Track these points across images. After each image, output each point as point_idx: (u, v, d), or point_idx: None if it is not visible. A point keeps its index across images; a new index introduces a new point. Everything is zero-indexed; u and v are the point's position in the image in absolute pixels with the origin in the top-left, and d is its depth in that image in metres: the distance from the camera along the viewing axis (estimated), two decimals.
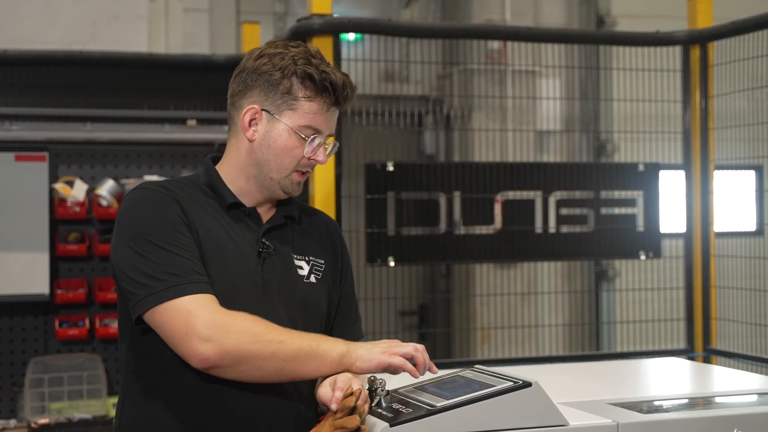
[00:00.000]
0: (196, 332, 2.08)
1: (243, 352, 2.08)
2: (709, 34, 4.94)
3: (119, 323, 2.33)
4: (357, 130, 4.95)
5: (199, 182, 2.34)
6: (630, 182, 5.07)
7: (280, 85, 2.26)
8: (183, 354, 2.11)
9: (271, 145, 2.28)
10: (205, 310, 2.09)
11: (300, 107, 2.26)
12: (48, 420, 5.12)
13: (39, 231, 5.28)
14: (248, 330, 2.10)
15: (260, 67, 2.28)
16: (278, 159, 2.28)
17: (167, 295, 2.11)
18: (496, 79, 6.55)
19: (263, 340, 2.10)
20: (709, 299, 5.01)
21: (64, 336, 5.32)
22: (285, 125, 2.26)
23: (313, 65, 2.25)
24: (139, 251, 2.15)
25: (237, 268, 2.25)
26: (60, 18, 6.35)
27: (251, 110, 2.29)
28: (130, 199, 2.26)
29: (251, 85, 2.29)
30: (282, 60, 2.26)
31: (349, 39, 5.21)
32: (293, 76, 2.25)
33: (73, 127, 5.35)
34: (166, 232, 2.17)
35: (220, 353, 2.08)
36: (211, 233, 2.24)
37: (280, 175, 2.30)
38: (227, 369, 2.11)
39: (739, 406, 2.52)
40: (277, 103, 2.27)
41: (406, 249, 4.70)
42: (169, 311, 2.10)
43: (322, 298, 2.39)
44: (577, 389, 2.68)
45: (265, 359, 2.10)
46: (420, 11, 7.50)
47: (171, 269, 2.13)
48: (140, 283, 2.14)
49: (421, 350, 2.20)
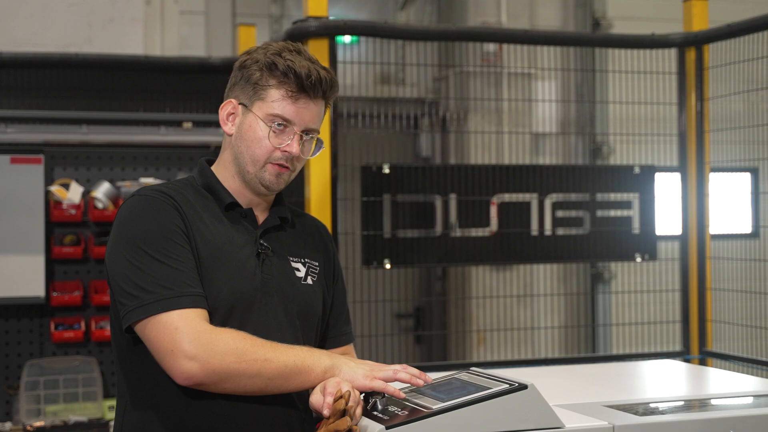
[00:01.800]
0: (181, 350, 2.07)
1: (227, 371, 2.08)
2: (704, 37, 4.94)
3: (112, 327, 2.32)
4: (353, 133, 4.95)
5: (195, 184, 2.34)
6: (626, 184, 5.07)
7: (252, 77, 2.28)
8: (168, 370, 2.11)
9: (243, 136, 2.29)
10: (191, 327, 2.09)
11: (267, 96, 2.27)
12: (43, 423, 5.12)
13: (34, 233, 5.28)
14: (234, 349, 2.09)
15: (243, 63, 2.32)
16: (250, 150, 2.28)
17: (156, 308, 2.10)
18: (492, 81, 6.55)
19: (249, 359, 2.09)
20: (704, 301, 5.01)
21: (59, 338, 5.31)
22: (254, 115, 2.28)
23: (282, 56, 2.26)
24: (132, 261, 2.14)
25: (237, 271, 2.24)
26: (55, 20, 6.35)
27: (228, 104, 2.32)
28: (129, 206, 2.24)
29: (234, 81, 2.33)
30: (259, 52, 2.30)
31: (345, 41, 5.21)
32: (264, 67, 2.27)
33: (69, 129, 5.35)
34: (161, 242, 2.16)
35: (205, 372, 2.08)
36: (211, 236, 2.24)
37: (254, 168, 2.29)
38: (211, 386, 2.11)
39: (735, 409, 2.52)
40: (249, 95, 2.29)
41: (401, 251, 4.70)
42: (157, 326, 2.10)
43: (318, 300, 2.40)
44: (573, 391, 2.68)
45: (249, 377, 2.10)
46: (416, 14, 7.50)
47: (162, 281, 2.12)
48: (130, 294, 2.13)
49: (402, 369, 2.19)
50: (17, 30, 6.23)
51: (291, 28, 4.49)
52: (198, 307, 2.13)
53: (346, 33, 4.57)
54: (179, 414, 2.20)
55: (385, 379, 2.16)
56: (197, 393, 2.16)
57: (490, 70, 6.55)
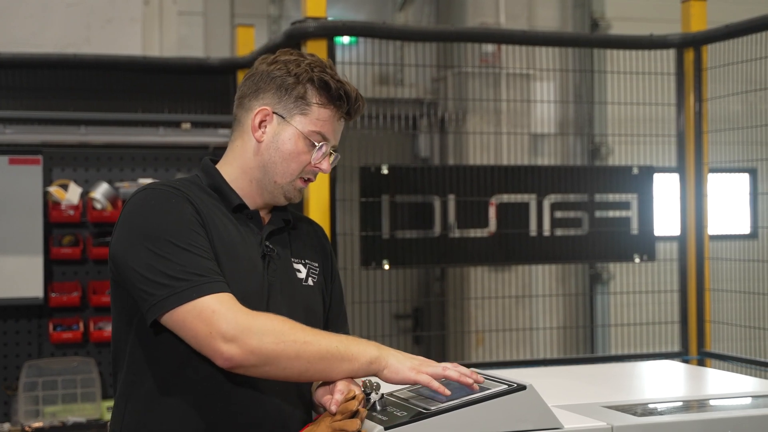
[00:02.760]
0: (220, 332, 2.06)
1: (266, 352, 2.07)
2: (702, 38, 4.95)
3: (116, 326, 2.30)
4: (351, 133, 4.95)
5: (201, 183, 2.33)
6: (624, 185, 5.08)
7: (294, 90, 2.27)
8: (207, 354, 2.10)
9: (279, 147, 2.28)
10: (229, 310, 2.08)
11: (312, 113, 2.28)
12: (42, 423, 5.11)
13: (33, 234, 5.27)
14: (272, 330, 2.09)
15: (273, 71, 2.29)
16: (285, 162, 2.28)
17: (191, 294, 2.09)
18: (491, 82, 6.56)
19: (287, 339, 2.08)
20: (703, 302, 5.01)
21: (58, 339, 5.31)
22: (295, 129, 2.27)
23: (328, 74, 2.28)
24: (157, 252, 2.12)
25: (247, 272, 2.25)
26: (54, 21, 6.35)
27: (262, 111, 2.29)
28: (141, 199, 2.22)
29: (264, 87, 2.30)
30: (297, 66, 2.28)
31: (343, 42, 5.21)
32: (309, 83, 2.27)
33: (68, 130, 5.34)
34: (184, 231, 2.15)
35: (244, 353, 2.07)
36: (224, 235, 2.24)
37: (284, 180, 2.30)
38: (251, 369, 2.10)
39: (733, 409, 2.53)
40: (289, 107, 2.28)
41: (400, 252, 4.70)
42: (193, 312, 2.08)
43: (318, 301, 2.41)
44: (572, 392, 2.69)
45: (289, 359, 2.09)
46: (414, 14, 7.51)
47: (193, 269, 2.11)
48: (160, 284, 2.11)
49: (452, 367, 2.16)
50: (16, 30, 6.22)
51: (290, 29, 4.49)
52: (230, 292, 2.12)
53: (345, 34, 4.57)
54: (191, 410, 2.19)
55: (433, 375, 2.14)
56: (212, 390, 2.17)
57: (489, 70, 6.55)
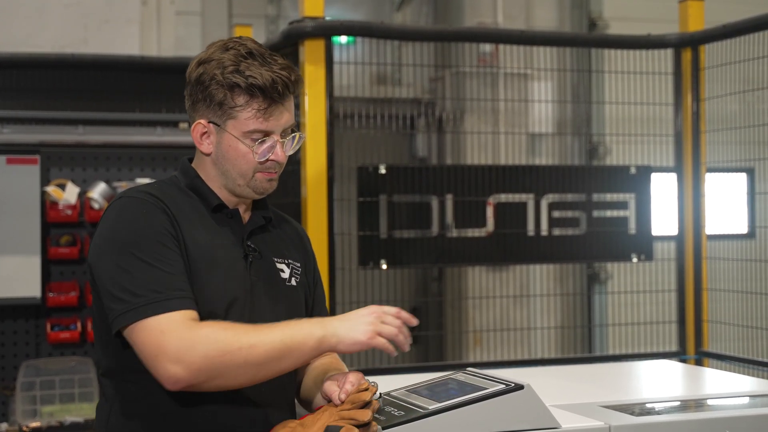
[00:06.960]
0: (165, 353, 2.04)
1: (212, 367, 2.04)
2: (700, 37, 4.95)
3: (95, 329, 2.28)
4: (349, 133, 4.95)
5: (179, 184, 2.31)
6: (622, 185, 5.08)
7: (215, 97, 2.21)
8: (155, 375, 2.07)
9: (224, 155, 2.24)
10: (176, 329, 2.05)
11: (238, 115, 2.21)
12: (39, 423, 5.11)
13: (31, 234, 5.27)
14: (215, 342, 2.04)
15: (199, 77, 2.23)
16: (236, 167, 2.25)
17: (145, 312, 2.06)
18: (488, 82, 6.56)
19: (232, 349, 2.05)
20: (700, 302, 5.01)
21: (55, 339, 5.31)
22: (231, 135, 2.23)
23: (240, 72, 2.19)
24: (121, 264, 2.11)
25: (229, 273, 2.22)
26: (51, 21, 6.35)
27: (199, 125, 2.25)
28: (116, 208, 2.20)
29: (196, 98, 2.25)
30: (214, 68, 2.21)
31: (341, 42, 5.21)
32: (225, 87, 2.20)
33: (65, 130, 5.35)
34: (149, 245, 2.13)
35: (191, 372, 2.04)
36: (201, 239, 2.22)
37: (245, 180, 2.26)
38: (203, 385, 2.07)
39: (731, 409, 2.53)
40: (218, 114, 2.22)
41: (398, 252, 4.70)
42: (144, 330, 2.06)
43: (301, 302, 2.38)
44: (570, 392, 2.69)
45: (237, 368, 2.06)
46: (412, 14, 7.51)
47: (151, 285, 2.08)
48: (119, 298, 2.09)
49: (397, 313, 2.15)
50: (13, 31, 6.22)
51: (287, 29, 4.49)
52: (187, 309, 2.09)
53: (343, 33, 4.57)
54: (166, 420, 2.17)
55: (388, 335, 2.12)
56: (184, 398, 2.14)
57: (487, 70, 6.55)
